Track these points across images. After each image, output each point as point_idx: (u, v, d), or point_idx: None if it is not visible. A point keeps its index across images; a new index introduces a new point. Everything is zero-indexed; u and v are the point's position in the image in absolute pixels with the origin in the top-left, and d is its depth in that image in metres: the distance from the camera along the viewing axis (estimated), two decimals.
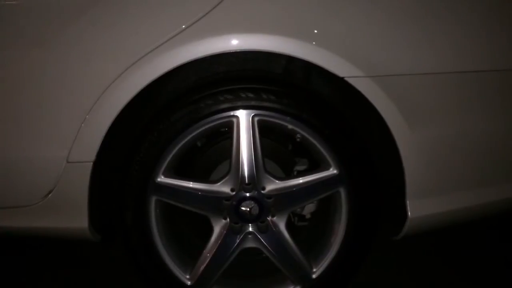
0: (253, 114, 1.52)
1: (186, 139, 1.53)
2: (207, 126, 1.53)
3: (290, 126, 1.54)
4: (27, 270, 2.10)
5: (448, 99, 1.52)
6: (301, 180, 1.58)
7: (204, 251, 1.61)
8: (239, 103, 1.50)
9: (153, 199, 1.57)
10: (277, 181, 1.57)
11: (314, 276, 1.64)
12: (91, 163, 1.49)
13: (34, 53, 1.46)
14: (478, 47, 1.52)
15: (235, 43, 1.44)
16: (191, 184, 1.57)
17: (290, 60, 1.50)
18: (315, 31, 1.45)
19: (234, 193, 1.57)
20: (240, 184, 1.55)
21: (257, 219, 1.59)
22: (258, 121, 1.52)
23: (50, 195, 1.52)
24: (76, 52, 1.46)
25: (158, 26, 1.44)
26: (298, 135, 1.55)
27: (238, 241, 1.61)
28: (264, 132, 1.59)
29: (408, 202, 1.54)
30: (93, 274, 2.05)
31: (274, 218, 1.61)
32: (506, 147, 1.60)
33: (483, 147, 1.58)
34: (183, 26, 1.42)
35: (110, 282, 1.98)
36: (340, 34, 1.46)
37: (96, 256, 2.15)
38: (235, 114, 1.52)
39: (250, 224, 1.61)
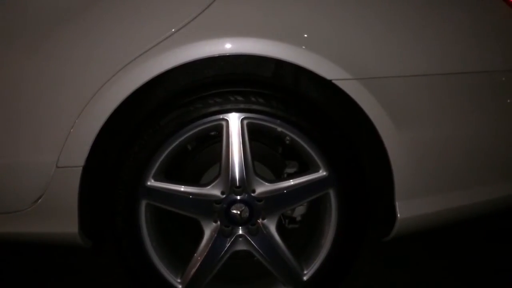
0: (242, 117, 1.52)
1: (175, 143, 1.53)
2: (196, 130, 1.53)
3: (279, 129, 1.54)
4: (16, 280, 2.08)
5: (436, 100, 1.54)
6: (291, 182, 1.58)
7: (195, 254, 1.61)
8: (229, 106, 1.51)
9: (143, 203, 1.57)
10: (267, 184, 1.58)
11: (305, 278, 1.64)
12: (81, 167, 1.49)
13: (23, 58, 1.46)
14: (466, 49, 1.53)
15: (224, 47, 1.45)
16: (181, 188, 1.57)
17: (279, 63, 1.51)
18: (305, 35, 1.46)
19: (224, 196, 1.57)
20: (230, 187, 1.56)
21: (247, 221, 1.59)
22: (248, 124, 1.53)
23: (39, 201, 1.52)
24: (66, 57, 1.46)
25: (147, 30, 1.44)
26: (288, 138, 1.57)
27: (228, 244, 1.61)
28: (255, 135, 1.60)
29: (397, 203, 1.55)
30: (84, 279, 2.04)
31: (265, 221, 1.61)
32: (495, 148, 1.62)
33: (471, 148, 1.59)
34: (173, 30, 1.43)
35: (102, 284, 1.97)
36: (328, 37, 1.47)
37: (87, 262, 2.14)
38: (225, 117, 1.52)
39: (240, 227, 1.61)
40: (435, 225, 1.67)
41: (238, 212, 1.57)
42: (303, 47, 1.45)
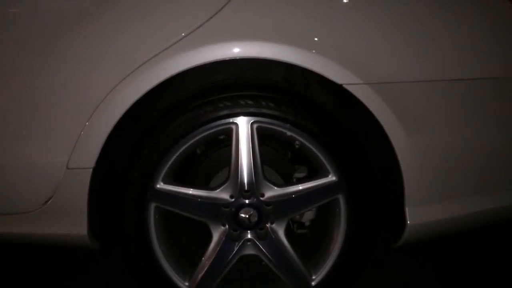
0: (252, 121, 1.52)
1: (185, 146, 1.53)
2: (206, 133, 1.53)
3: (289, 133, 1.54)
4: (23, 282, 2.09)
5: (447, 106, 1.52)
6: (300, 187, 1.58)
7: (203, 258, 1.61)
8: (238, 110, 1.51)
9: (152, 206, 1.57)
10: (276, 188, 1.57)
11: (313, 283, 1.63)
12: (91, 169, 1.50)
13: (35, 60, 1.47)
14: (475, 55, 1.52)
15: (234, 50, 1.45)
16: (190, 191, 1.58)
17: (289, 67, 1.51)
18: (315, 39, 1.46)
19: (233, 200, 1.57)
20: (239, 191, 1.56)
21: (256, 226, 1.59)
22: (257, 128, 1.53)
23: (49, 202, 1.53)
24: (77, 60, 1.47)
25: (157, 34, 1.45)
26: (297, 142, 1.56)
27: (236, 248, 1.61)
28: (264, 140, 1.60)
29: (407, 209, 1.54)
30: (91, 282, 2.04)
31: (273, 225, 1.61)
32: (507, 154, 1.60)
33: (482, 154, 1.58)
34: (183, 34, 1.43)
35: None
36: (339, 42, 1.47)
37: (94, 264, 2.15)
38: (234, 121, 1.52)
39: (249, 231, 1.61)
40: (446, 231, 1.65)
41: (247, 216, 1.57)
42: (314, 51, 1.45)
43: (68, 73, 1.47)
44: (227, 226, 1.60)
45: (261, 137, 1.56)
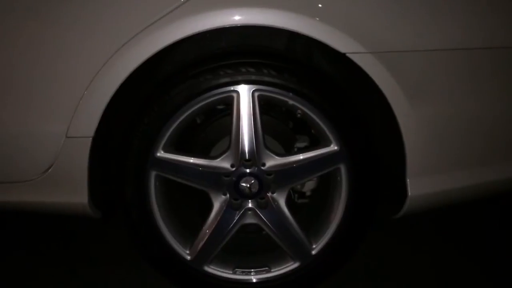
0: (253, 89, 1.50)
1: (185, 114, 1.52)
2: (206, 101, 1.51)
3: (290, 102, 1.52)
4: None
5: (451, 76, 1.50)
6: (301, 157, 1.57)
7: (204, 226, 1.61)
8: (240, 78, 1.49)
9: (152, 174, 1.57)
10: (277, 157, 1.56)
11: (313, 252, 1.64)
12: (90, 138, 1.48)
13: (33, 27, 1.44)
14: (481, 24, 1.49)
15: (235, 17, 1.42)
16: (190, 160, 1.57)
17: (292, 35, 1.47)
18: (319, 5, 1.42)
19: (234, 169, 1.56)
20: (240, 160, 1.55)
21: (257, 195, 1.59)
22: (259, 96, 1.51)
23: (49, 170, 1.52)
24: (75, 27, 1.44)
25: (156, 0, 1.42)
26: (299, 111, 1.54)
27: (237, 217, 1.61)
28: (265, 109, 1.58)
29: (408, 180, 1.54)
30: (91, 249, 2.06)
31: (274, 195, 1.60)
32: (508, 126, 1.58)
33: (485, 126, 1.56)
34: (182, 0, 1.40)
35: (111, 257, 2.00)
36: (343, 9, 1.43)
37: (94, 231, 2.17)
38: (235, 89, 1.50)
39: (250, 200, 1.61)
40: (447, 203, 1.65)
41: (248, 186, 1.57)
42: (317, 18, 1.41)
43: (66, 39, 1.44)
44: (228, 195, 1.60)
45: (263, 106, 1.54)
